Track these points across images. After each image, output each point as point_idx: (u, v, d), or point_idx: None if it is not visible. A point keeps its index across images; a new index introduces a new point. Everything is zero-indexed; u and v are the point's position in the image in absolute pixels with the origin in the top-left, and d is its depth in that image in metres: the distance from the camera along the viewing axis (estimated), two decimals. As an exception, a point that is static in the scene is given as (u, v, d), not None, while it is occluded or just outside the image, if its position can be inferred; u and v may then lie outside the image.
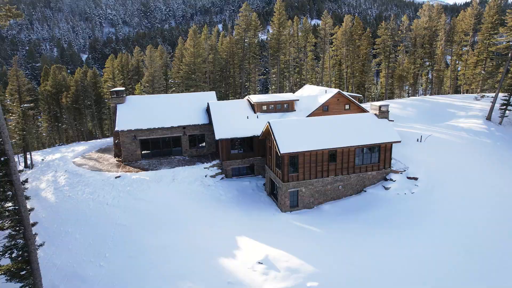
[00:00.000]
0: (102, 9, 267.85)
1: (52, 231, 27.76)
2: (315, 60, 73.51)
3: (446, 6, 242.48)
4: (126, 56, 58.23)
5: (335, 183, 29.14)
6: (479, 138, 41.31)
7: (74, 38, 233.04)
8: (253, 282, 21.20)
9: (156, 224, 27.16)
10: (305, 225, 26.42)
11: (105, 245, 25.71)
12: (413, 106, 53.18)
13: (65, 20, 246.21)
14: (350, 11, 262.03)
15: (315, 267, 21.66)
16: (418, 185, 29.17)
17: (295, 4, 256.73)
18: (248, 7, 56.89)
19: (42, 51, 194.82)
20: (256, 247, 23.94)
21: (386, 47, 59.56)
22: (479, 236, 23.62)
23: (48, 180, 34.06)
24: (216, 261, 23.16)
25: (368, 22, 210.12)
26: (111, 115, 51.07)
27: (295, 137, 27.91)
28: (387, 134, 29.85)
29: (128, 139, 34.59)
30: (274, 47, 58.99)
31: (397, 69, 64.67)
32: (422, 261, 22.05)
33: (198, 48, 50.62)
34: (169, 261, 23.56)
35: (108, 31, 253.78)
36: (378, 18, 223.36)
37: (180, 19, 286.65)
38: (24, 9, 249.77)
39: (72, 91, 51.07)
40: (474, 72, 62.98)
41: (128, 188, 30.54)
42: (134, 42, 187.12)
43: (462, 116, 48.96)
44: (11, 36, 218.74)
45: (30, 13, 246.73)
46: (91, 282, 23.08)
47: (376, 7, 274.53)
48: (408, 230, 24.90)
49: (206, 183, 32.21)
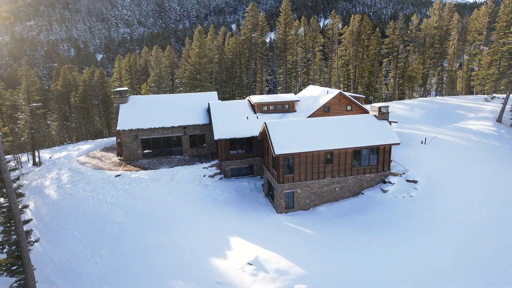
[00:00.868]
0: (118, 10, 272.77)
1: (52, 228, 28.53)
2: (323, 61, 72.84)
3: (459, 4, 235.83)
4: (134, 56, 59.17)
5: (331, 185, 28.85)
6: (487, 141, 40.14)
7: (90, 38, 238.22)
8: (242, 283, 21.24)
9: (152, 223, 27.53)
10: (299, 226, 26.27)
11: (101, 243, 26.24)
12: (420, 107, 52.12)
13: (82, 21, 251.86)
14: (365, 10, 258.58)
15: (304, 270, 21.53)
16: (417, 188, 28.58)
17: (309, 4, 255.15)
18: (254, 7, 56.91)
19: (59, 51, 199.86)
20: (247, 248, 23.97)
21: (394, 47, 58.49)
22: (476, 243, 22.92)
23: (52, 178, 34.98)
24: (208, 261, 23.31)
25: (383, 22, 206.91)
26: (113, 115, 52.35)
27: (291, 138, 27.78)
28: (386, 136, 29.34)
29: (129, 138, 35.15)
30: (280, 47, 58.79)
31: (407, 70, 63.46)
32: (415, 266, 21.62)
33: (203, 49, 50.96)
34: (162, 260, 23.85)
35: (124, 31, 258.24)
36: (393, 17, 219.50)
37: (194, 19, 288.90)
38: (44, 11, 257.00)
39: (80, 90, 52.33)
40: (488, 72, 61.18)
41: (127, 186, 31.06)
42: (148, 42, 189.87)
43: (472, 118, 47.67)
44: (31, 37, 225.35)
45: (49, 15, 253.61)
46: (86, 278, 23.60)
47: (392, 6, 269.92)
48: (403, 234, 24.44)
49: (204, 183, 32.42)
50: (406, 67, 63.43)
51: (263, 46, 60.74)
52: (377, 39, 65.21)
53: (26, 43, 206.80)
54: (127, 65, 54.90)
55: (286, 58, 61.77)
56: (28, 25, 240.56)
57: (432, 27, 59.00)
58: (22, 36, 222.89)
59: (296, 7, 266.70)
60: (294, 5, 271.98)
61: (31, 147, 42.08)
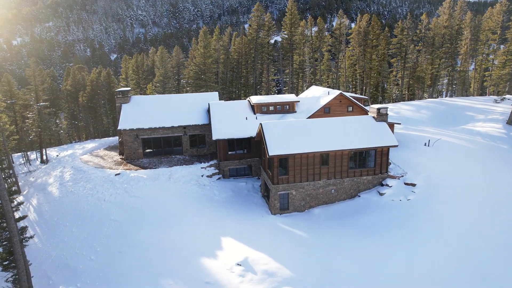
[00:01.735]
0: (133, 11, 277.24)
1: (52, 224, 29.26)
2: (332, 61, 72.20)
3: (472, 2, 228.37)
4: (142, 56, 60.06)
5: (327, 187, 28.59)
6: (495, 144, 38.97)
7: (106, 38, 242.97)
8: (230, 283, 21.30)
9: (147, 221, 27.89)
10: (292, 228, 26.14)
11: (97, 240, 26.76)
12: (427, 108, 51.00)
13: (98, 21, 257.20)
14: (379, 10, 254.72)
15: (292, 272, 21.44)
16: (415, 192, 28.00)
17: (322, 3, 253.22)
18: (260, 8, 56.87)
19: (76, 51, 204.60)
20: (238, 248, 24.02)
21: (402, 47, 57.42)
22: (472, 251, 22.27)
23: (56, 176, 35.86)
24: (198, 261, 23.47)
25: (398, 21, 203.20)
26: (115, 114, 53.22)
27: (287, 139, 27.65)
28: (384, 137, 28.86)
29: (130, 137, 35.71)
30: (286, 47, 58.59)
31: (416, 70, 62.18)
32: (408, 270, 21.23)
33: (208, 49, 51.28)
34: (154, 259, 24.15)
35: (138, 32, 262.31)
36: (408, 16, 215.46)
37: (208, 19, 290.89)
38: (62, 12, 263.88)
39: (88, 90, 53.54)
40: (502, 72, 59.38)
41: (125, 185, 31.55)
42: (161, 42, 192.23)
43: (480, 120, 46.36)
44: (50, 37, 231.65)
45: (67, 16, 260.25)
46: (80, 274, 24.12)
47: (407, 5, 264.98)
48: (398, 239, 24.02)
49: (202, 183, 32.63)
50: (415, 67, 62.16)
51: (270, 46, 60.64)
52: (386, 39, 64.16)
53: (44, 43, 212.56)
54: (134, 65, 55.79)
55: (293, 58, 61.49)
56: (47, 26, 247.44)
57: (442, 26, 57.58)
58: (40, 36, 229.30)
59: (309, 6, 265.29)
60: (307, 5, 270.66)
61: (39, 145, 43.23)
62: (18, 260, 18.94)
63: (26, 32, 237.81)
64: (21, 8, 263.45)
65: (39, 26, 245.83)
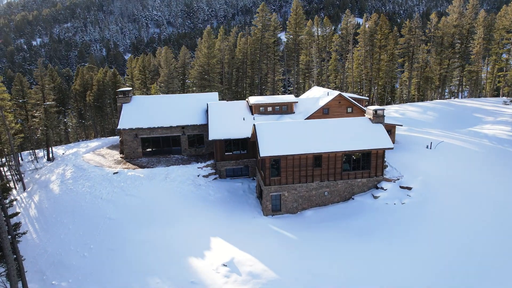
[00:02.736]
0: (148, 11, 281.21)
1: (51, 221, 30.04)
2: (339, 61, 71.37)
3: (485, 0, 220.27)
4: (148, 57, 60.91)
5: (320, 189, 28.30)
6: (502, 147, 37.72)
7: (121, 38, 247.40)
8: (214, 283, 21.43)
9: (141, 220, 28.27)
10: (282, 230, 26.01)
11: (92, 237, 27.32)
12: (434, 110, 49.82)
13: (114, 22, 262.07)
14: (395, 9, 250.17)
15: (277, 274, 21.36)
16: (410, 196, 27.42)
17: (337, 3, 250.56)
18: (265, 8, 56.77)
19: (91, 51, 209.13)
20: (226, 249, 24.11)
21: (410, 47, 56.19)
22: (462, 258, 21.63)
23: (58, 173, 36.78)
24: (186, 260, 23.69)
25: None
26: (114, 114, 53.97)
27: (280, 140, 27.53)
28: (380, 140, 28.34)
29: (130, 137, 36.28)
30: (291, 47, 58.23)
31: (425, 71, 60.75)
32: (395, 274, 20.82)
33: (212, 49, 51.57)
34: (144, 257, 24.52)
35: (153, 32, 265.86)
36: (425, 15, 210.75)
37: (222, 19, 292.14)
38: (80, 13, 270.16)
39: (94, 89, 54.74)
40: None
41: (122, 184, 32.07)
42: (174, 42, 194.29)
43: (489, 122, 45.00)
44: (67, 38, 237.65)
45: (85, 17, 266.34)
46: (73, 271, 24.71)
47: (424, 4, 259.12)
48: (388, 243, 23.57)
49: (197, 183, 32.82)
50: (424, 67, 60.72)
51: (275, 46, 60.45)
52: (394, 39, 62.92)
53: (62, 43, 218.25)
54: (141, 65, 56.68)
55: (298, 58, 61.09)
56: (65, 27, 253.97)
57: (451, 25, 56.02)
58: (59, 37, 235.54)
59: (323, 6, 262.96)
60: (321, 4, 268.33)
61: (45, 143, 44.40)
62: (7, 255, 19.50)
63: (46, 33, 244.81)
64: (41, 9, 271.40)
65: (58, 27, 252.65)
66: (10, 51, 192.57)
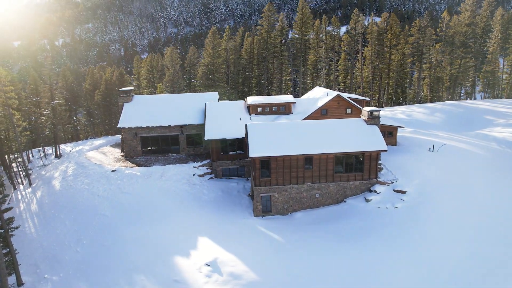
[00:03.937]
0: (167, 11, 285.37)
1: (49, 216, 30.98)
2: (349, 61, 70.28)
3: None
4: (157, 56, 61.85)
5: (311, 190, 27.96)
6: (510, 150, 36.18)
7: (139, 38, 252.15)
8: (196, 283, 21.56)
9: (134, 217, 28.74)
10: (269, 231, 25.86)
11: (86, 233, 28.00)
12: (442, 111, 48.29)
13: (134, 22, 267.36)
14: (415, 7, 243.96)
15: (258, 275, 21.28)
16: (404, 200, 26.72)
17: (354, 1, 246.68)
18: (271, 8, 56.56)
19: (110, 51, 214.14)
20: (211, 249, 24.21)
21: (419, 47, 54.63)
22: (455, 264, 20.89)
23: (61, 170, 37.86)
24: (171, 258, 23.93)
25: (434, 19, 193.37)
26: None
27: (271, 141, 27.38)
28: (374, 142, 27.72)
29: (129, 135, 36.94)
30: (297, 47, 57.73)
31: (436, 70, 58.94)
32: (381, 280, 20.34)
33: (216, 49, 51.81)
34: (132, 254, 24.93)
35: (171, 31, 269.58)
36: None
37: (239, 19, 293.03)
38: (101, 14, 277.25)
39: (102, 89, 56.10)
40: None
41: (118, 181, 32.68)
42: (190, 42, 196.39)
43: (500, 124, 43.26)
44: (88, 38, 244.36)
45: (105, 17, 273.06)
46: (65, 265, 25.42)
47: (446, 2, 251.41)
48: (376, 248, 23.03)
49: (192, 182, 33.05)
50: (435, 68, 58.90)
51: (282, 46, 60.12)
52: (405, 39, 61.35)
53: (82, 44, 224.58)
54: (149, 65, 57.63)
55: (304, 58, 60.53)
56: (86, 27, 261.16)
57: (463, 24, 54.08)
58: (80, 37, 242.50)
59: (341, 5, 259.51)
60: (339, 3, 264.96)
61: (53, 140, 45.81)
62: (-4, 249, 20.25)
63: (68, 33, 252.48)
64: (65, 11, 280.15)
65: (79, 28, 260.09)
66: (33, 51, 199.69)
